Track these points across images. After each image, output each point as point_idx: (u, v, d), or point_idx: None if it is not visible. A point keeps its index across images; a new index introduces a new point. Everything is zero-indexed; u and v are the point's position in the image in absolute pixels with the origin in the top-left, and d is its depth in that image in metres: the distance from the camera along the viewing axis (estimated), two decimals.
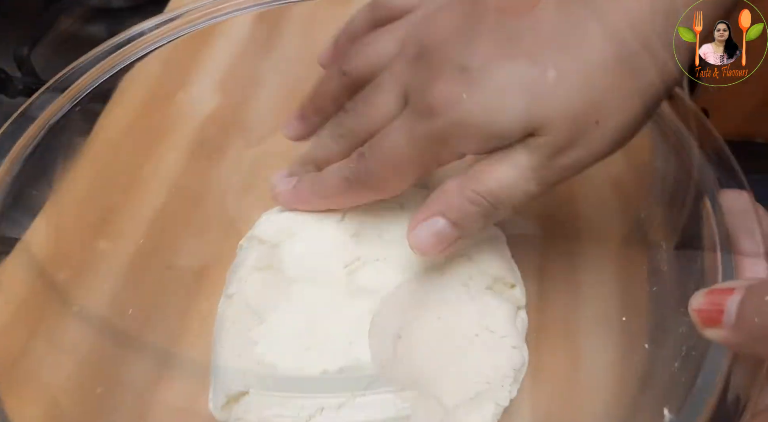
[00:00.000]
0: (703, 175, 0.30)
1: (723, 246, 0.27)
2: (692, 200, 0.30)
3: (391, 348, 0.33)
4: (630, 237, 0.35)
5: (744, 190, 0.29)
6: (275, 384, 0.32)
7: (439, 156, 0.30)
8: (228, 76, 0.42)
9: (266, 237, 0.38)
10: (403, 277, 0.36)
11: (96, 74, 0.35)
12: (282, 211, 0.41)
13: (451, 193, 0.30)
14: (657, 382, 0.29)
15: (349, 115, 0.34)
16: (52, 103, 0.33)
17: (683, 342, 0.27)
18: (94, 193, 0.37)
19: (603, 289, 0.36)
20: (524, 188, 0.28)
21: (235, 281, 0.37)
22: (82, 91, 0.34)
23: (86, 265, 0.36)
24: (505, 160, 0.28)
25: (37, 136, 0.32)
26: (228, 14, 0.38)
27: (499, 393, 0.33)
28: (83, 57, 0.35)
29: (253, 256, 0.37)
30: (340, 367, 0.33)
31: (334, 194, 0.35)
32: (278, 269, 0.37)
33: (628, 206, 0.35)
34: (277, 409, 0.32)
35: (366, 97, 0.33)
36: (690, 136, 0.31)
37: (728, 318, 0.23)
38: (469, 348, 0.34)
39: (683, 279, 0.30)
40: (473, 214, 0.30)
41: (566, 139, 0.27)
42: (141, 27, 0.36)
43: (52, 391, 0.31)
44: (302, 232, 0.38)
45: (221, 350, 0.34)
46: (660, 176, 0.34)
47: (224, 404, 0.33)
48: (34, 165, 0.32)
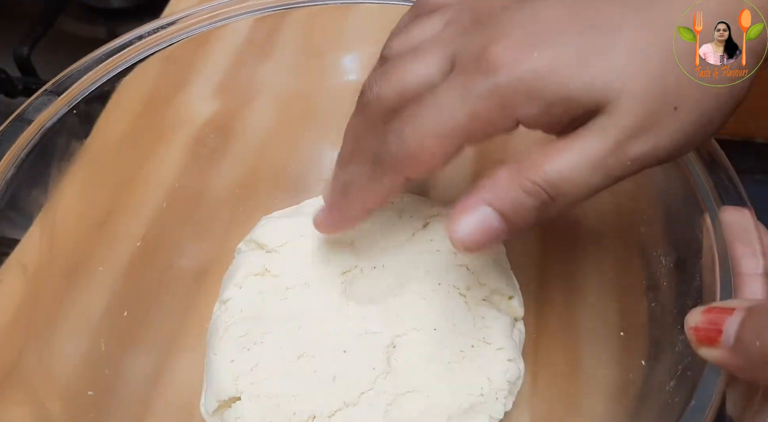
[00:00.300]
0: (704, 191, 0.30)
1: (722, 265, 0.27)
2: (692, 216, 0.29)
3: (385, 357, 0.33)
4: (630, 252, 0.34)
5: (745, 206, 0.29)
6: (267, 390, 0.32)
7: (492, 122, 0.26)
8: (226, 81, 0.42)
9: (264, 242, 0.38)
10: (399, 287, 0.36)
11: (94, 78, 0.35)
12: (281, 216, 0.41)
13: (502, 181, 0.25)
14: (653, 401, 0.28)
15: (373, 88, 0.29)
16: (48, 106, 0.33)
17: (679, 360, 0.27)
18: (93, 195, 0.37)
19: (602, 303, 0.36)
20: (588, 180, 0.24)
21: (230, 286, 0.36)
22: (79, 95, 0.34)
23: (84, 266, 0.36)
24: (568, 146, 0.24)
25: (32, 138, 0.32)
26: (227, 19, 0.38)
27: (494, 406, 0.33)
28: (81, 60, 0.35)
29: (250, 261, 0.37)
30: (334, 375, 0.33)
31: (358, 188, 0.30)
32: (274, 275, 0.37)
33: (628, 220, 0.35)
34: (268, 416, 0.32)
35: (399, 61, 0.28)
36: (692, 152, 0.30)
37: (726, 339, 0.22)
38: (464, 359, 0.33)
39: (681, 296, 0.30)
40: (527, 207, 0.25)
41: (638, 123, 0.24)
42: (139, 31, 0.36)
43: (48, 394, 0.31)
44: (300, 238, 0.38)
45: (214, 356, 0.34)
46: (661, 191, 0.33)
47: (215, 409, 0.33)
48: (30, 168, 0.32)
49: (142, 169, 0.39)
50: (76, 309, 0.35)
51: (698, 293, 0.28)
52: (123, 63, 0.35)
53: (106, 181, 0.37)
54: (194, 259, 0.40)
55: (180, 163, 0.40)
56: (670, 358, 0.28)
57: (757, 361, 0.21)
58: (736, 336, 0.22)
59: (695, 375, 0.25)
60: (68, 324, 0.34)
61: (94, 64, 0.35)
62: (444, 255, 0.37)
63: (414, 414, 0.32)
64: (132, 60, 0.35)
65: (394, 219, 0.39)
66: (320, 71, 0.43)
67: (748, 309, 0.22)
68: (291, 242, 0.38)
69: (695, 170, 0.30)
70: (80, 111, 0.34)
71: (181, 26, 0.37)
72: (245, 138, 0.42)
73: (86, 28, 0.67)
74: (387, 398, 0.32)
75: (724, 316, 0.23)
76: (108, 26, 0.66)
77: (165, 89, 0.39)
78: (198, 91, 0.41)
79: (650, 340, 0.31)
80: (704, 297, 0.27)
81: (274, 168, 0.42)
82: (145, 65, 0.36)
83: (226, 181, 0.41)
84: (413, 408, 0.32)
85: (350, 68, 0.43)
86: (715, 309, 0.23)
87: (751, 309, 0.22)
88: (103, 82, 0.34)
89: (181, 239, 0.40)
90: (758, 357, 0.21)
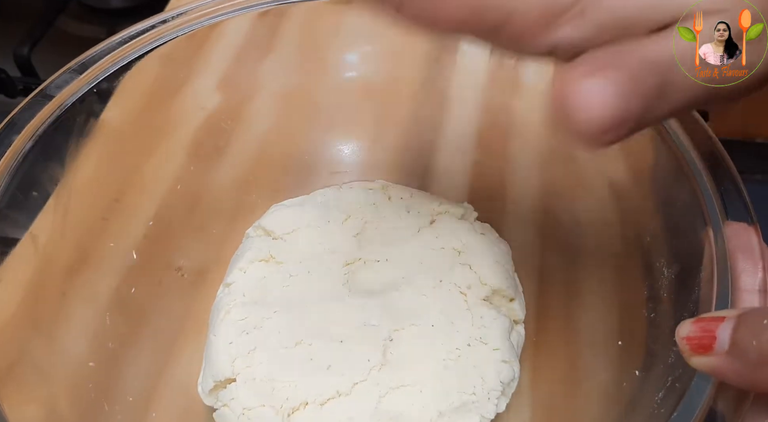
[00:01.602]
0: (710, 203, 0.29)
1: (720, 279, 0.27)
2: (697, 228, 0.29)
3: (382, 350, 0.33)
4: (633, 260, 0.34)
5: (751, 220, 0.29)
6: (262, 374, 0.33)
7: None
8: (228, 76, 0.42)
9: (271, 228, 0.39)
10: (401, 281, 0.36)
11: (94, 74, 0.35)
12: (291, 204, 0.41)
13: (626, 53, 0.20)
14: (641, 411, 0.28)
15: None
16: (46, 104, 0.33)
17: (670, 372, 0.27)
18: (95, 191, 0.37)
19: (602, 312, 0.35)
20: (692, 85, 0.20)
21: (234, 270, 0.37)
22: (79, 91, 0.34)
23: (84, 266, 0.36)
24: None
25: (30, 138, 0.32)
26: (228, 14, 0.38)
27: (485, 406, 0.33)
28: (80, 56, 0.35)
29: (256, 246, 0.38)
30: (329, 364, 0.33)
31: None
32: (278, 261, 0.37)
33: (634, 229, 0.35)
34: (262, 399, 0.32)
35: None
36: (696, 158, 0.30)
37: (721, 344, 0.22)
38: (460, 357, 0.34)
39: (679, 309, 0.29)
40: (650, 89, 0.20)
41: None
42: (140, 26, 0.36)
43: (50, 391, 0.31)
44: (306, 228, 0.38)
45: (214, 337, 0.34)
46: (667, 201, 0.33)
47: (211, 388, 0.34)
48: (27, 173, 0.32)
49: (143, 166, 0.39)
50: (86, 283, 0.35)
51: (696, 306, 0.28)
52: (124, 58, 0.35)
53: (108, 177, 0.37)
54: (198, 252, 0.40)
55: (182, 158, 0.40)
56: (661, 370, 0.28)
57: (755, 362, 0.21)
58: (732, 340, 0.22)
59: (683, 388, 0.25)
60: (77, 297, 0.35)
61: (95, 59, 0.34)
62: (448, 253, 0.37)
63: (405, 407, 0.32)
64: (133, 55, 0.36)
65: (402, 214, 0.39)
66: (322, 67, 0.43)
67: (741, 314, 0.22)
68: (298, 230, 0.38)
69: (702, 181, 0.29)
70: (80, 107, 0.34)
71: (183, 21, 0.37)
72: (247, 132, 0.42)
73: (86, 28, 0.67)
74: (380, 390, 0.32)
75: (717, 323, 0.22)
76: (108, 26, 0.66)
77: (167, 84, 0.39)
78: (200, 85, 0.41)
79: (646, 351, 0.31)
80: (700, 310, 0.27)
81: (276, 163, 0.43)
82: (147, 60, 0.36)
83: (228, 176, 0.42)
84: (405, 401, 0.32)
85: (351, 64, 0.43)
86: (705, 318, 0.23)
87: (743, 315, 0.22)
88: (104, 77, 0.35)
89: (183, 237, 0.40)
90: (756, 357, 0.21)
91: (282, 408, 0.32)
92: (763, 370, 0.21)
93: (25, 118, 0.32)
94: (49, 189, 0.34)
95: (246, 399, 0.32)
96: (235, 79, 0.42)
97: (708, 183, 0.29)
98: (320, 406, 0.32)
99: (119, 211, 0.38)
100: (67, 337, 0.33)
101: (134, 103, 0.38)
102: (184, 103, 0.40)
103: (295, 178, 0.43)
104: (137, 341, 0.36)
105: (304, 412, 0.32)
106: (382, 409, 0.32)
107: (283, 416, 0.31)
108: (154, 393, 0.35)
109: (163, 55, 0.36)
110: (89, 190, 0.37)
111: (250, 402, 0.32)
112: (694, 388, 0.24)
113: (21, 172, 0.31)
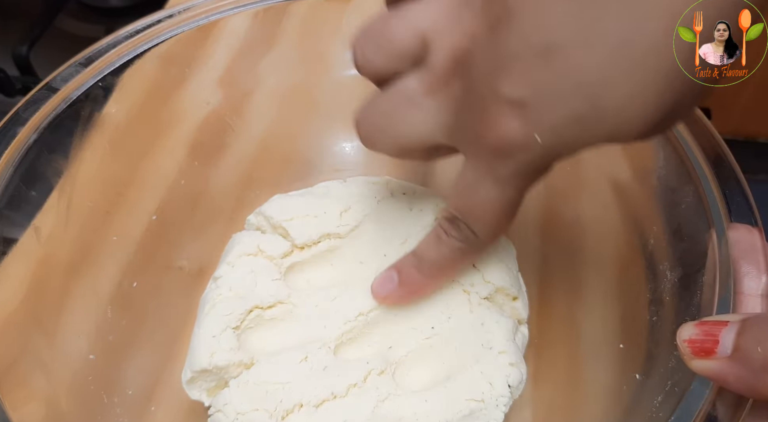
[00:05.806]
0: (714, 206, 0.29)
1: (722, 283, 0.26)
2: (700, 231, 0.29)
3: (380, 356, 0.33)
4: (636, 263, 0.34)
5: (755, 224, 0.28)
6: (255, 377, 0.32)
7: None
8: (230, 72, 0.42)
9: (270, 214, 0.38)
10: None
11: (93, 72, 0.35)
12: (294, 195, 0.40)
13: None
14: (640, 414, 0.28)
15: None
16: (46, 102, 0.33)
17: (670, 377, 0.26)
18: (98, 185, 0.37)
19: (605, 314, 0.35)
20: None
21: (223, 264, 0.37)
22: (78, 90, 0.34)
23: (86, 259, 0.36)
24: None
25: (29, 139, 0.32)
26: (227, 11, 0.38)
27: (494, 412, 0.32)
28: (79, 54, 0.35)
29: (243, 242, 0.37)
30: (325, 365, 0.32)
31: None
32: (268, 256, 0.37)
33: (638, 232, 0.34)
34: (255, 403, 0.32)
35: None
36: (702, 161, 0.29)
37: (723, 348, 0.22)
38: (465, 364, 0.33)
39: (681, 312, 0.29)
40: None
41: None
42: (140, 24, 0.36)
43: (50, 383, 0.31)
44: (304, 217, 0.38)
45: (198, 330, 0.34)
46: (671, 204, 0.32)
47: (189, 378, 0.33)
48: (26, 172, 0.32)
49: (142, 164, 0.39)
50: (88, 276, 0.35)
51: (696, 310, 0.27)
52: (123, 56, 0.35)
53: (106, 176, 0.37)
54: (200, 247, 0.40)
55: (181, 157, 0.40)
56: (661, 374, 0.27)
57: (758, 369, 0.21)
58: (735, 345, 0.21)
59: (681, 392, 0.24)
60: (79, 289, 0.35)
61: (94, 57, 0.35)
62: None
63: (406, 414, 0.31)
64: (133, 53, 0.36)
65: (404, 212, 0.38)
66: (321, 63, 0.43)
67: (744, 319, 0.22)
68: (295, 219, 0.38)
69: (706, 182, 0.29)
70: (79, 106, 0.34)
71: (182, 19, 0.37)
72: (247, 130, 0.42)
73: (85, 27, 0.67)
74: (379, 394, 0.31)
75: (720, 327, 0.22)
76: (107, 25, 0.66)
77: (166, 82, 0.39)
78: (199, 83, 0.41)
79: (647, 355, 0.31)
80: (702, 313, 0.27)
81: (276, 161, 0.42)
82: (146, 58, 0.36)
83: (227, 175, 0.42)
84: (407, 408, 0.31)
85: (351, 61, 0.43)
86: (708, 322, 0.23)
87: (747, 320, 0.22)
88: (103, 76, 0.35)
89: (185, 232, 0.40)
90: (759, 364, 0.21)
91: (276, 410, 0.31)
92: (765, 377, 0.21)
93: (30, 111, 0.32)
94: (53, 181, 0.34)
95: (239, 404, 0.32)
96: (237, 76, 0.42)
97: (712, 184, 0.29)
98: (315, 408, 0.31)
99: (123, 204, 0.38)
100: (68, 330, 0.34)
101: (137, 98, 0.38)
102: (186, 98, 0.40)
103: (297, 175, 0.43)
104: (138, 335, 0.36)
105: (299, 414, 0.31)
106: (380, 414, 0.31)
107: (277, 419, 0.31)
108: (154, 387, 0.35)
109: (166, 51, 0.37)
110: (93, 183, 0.37)
111: (244, 406, 0.32)
112: (693, 393, 0.24)
113: (25, 164, 0.31)
